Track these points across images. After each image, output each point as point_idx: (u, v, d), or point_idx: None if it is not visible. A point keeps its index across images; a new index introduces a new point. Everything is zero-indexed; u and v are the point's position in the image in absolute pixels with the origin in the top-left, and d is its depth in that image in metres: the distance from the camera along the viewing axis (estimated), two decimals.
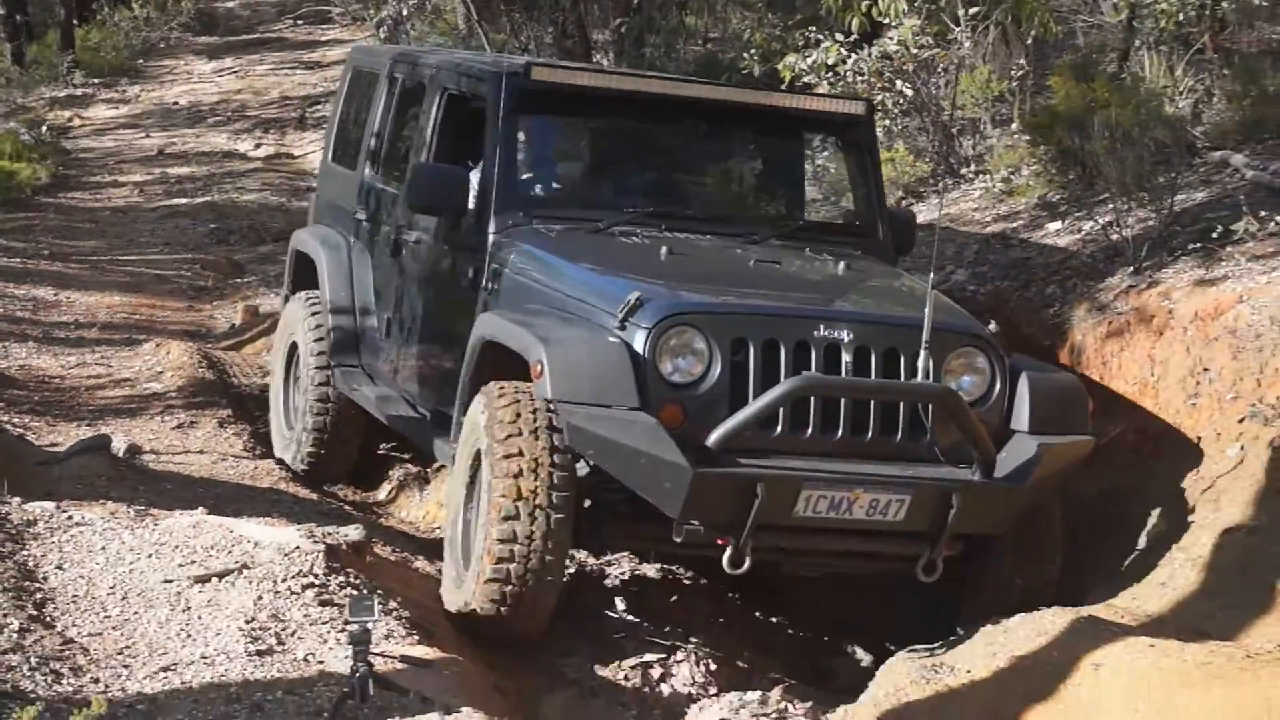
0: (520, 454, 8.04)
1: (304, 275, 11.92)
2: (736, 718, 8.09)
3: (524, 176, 10.07)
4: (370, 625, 6.77)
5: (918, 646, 8.62)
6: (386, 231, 10.98)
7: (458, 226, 9.77)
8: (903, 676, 8.01)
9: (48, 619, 7.47)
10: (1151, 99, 12.92)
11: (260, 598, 7.58)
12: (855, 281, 9.54)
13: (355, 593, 7.58)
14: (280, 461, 11.26)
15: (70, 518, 8.76)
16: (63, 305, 14.68)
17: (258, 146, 24.22)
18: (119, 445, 10.38)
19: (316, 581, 7.78)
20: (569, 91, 9.94)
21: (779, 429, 8.20)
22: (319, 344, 11.19)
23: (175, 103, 28.15)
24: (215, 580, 7.84)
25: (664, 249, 9.21)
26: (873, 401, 8.34)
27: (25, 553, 8.24)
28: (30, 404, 11.31)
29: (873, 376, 8.35)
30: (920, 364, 8.27)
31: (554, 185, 10.36)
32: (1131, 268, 11.05)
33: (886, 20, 14.29)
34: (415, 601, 8.21)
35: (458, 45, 22.49)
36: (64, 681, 6.78)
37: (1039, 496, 8.62)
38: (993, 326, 9.12)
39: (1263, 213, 11.09)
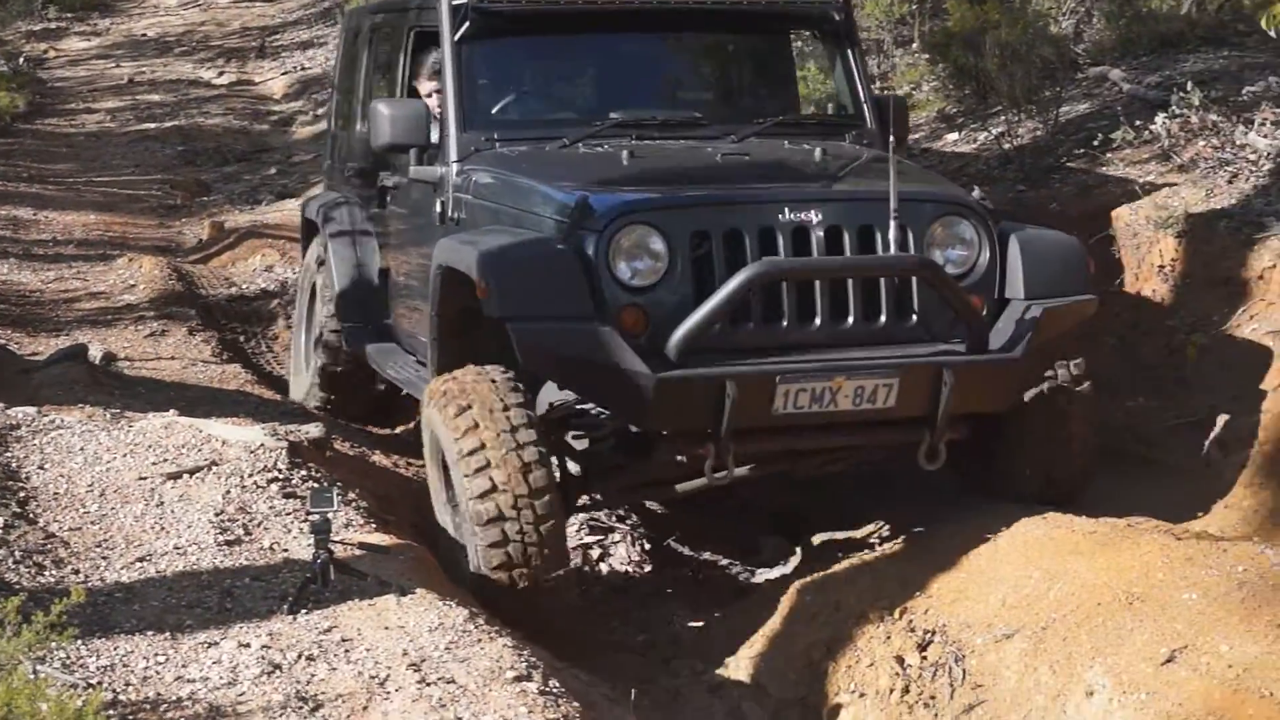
0: (483, 447, 7.06)
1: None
2: (671, 592, 8.17)
3: (484, 100, 8.82)
4: (330, 515, 6.76)
5: (838, 534, 8.41)
6: (376, 183, 10.06)
7: (424, 162, 8.71)
8: (816, 551, 8.06)
9: (30, 515, 7.45)
10: (1037, 19, 13.42)
11: (228, 492, 7.59)
12: (830, 164, 8.37)
13: (316, 485, 7.55)
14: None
15: (50, 421, 8.74)
16: (40, 224, 14.60)
17: (220, 74, 24.08)
18: (95, 353, 10.38)
19: (280, 476, 7.80)
20: (521, 11, 8.81)
21: (751, 324, 7.31)
22: (327, 305, 10.44)
23: (144, 34, 27.99)
24: (186, 476, 7.82)
25: (625, 154, 8.06)
26: (850, 284, 7.37)
27: (8, 454, 8.22)
28: (12, 317, 11.28)
29: (851, 250, 7.42)
30: (892, 236, 7.26)
31: (517, 107, 9.07)
32: (1023, 174, 11.25)
33: None
34: (372, 492, 8.22)
35: None
36: (46, 573, 6.79)
37: (1041, 366, 7.78)
38: (977, 193, 8.39)
39: (1138, 121, 11.42)
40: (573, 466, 7.91)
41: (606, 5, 9.03)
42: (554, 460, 7.48)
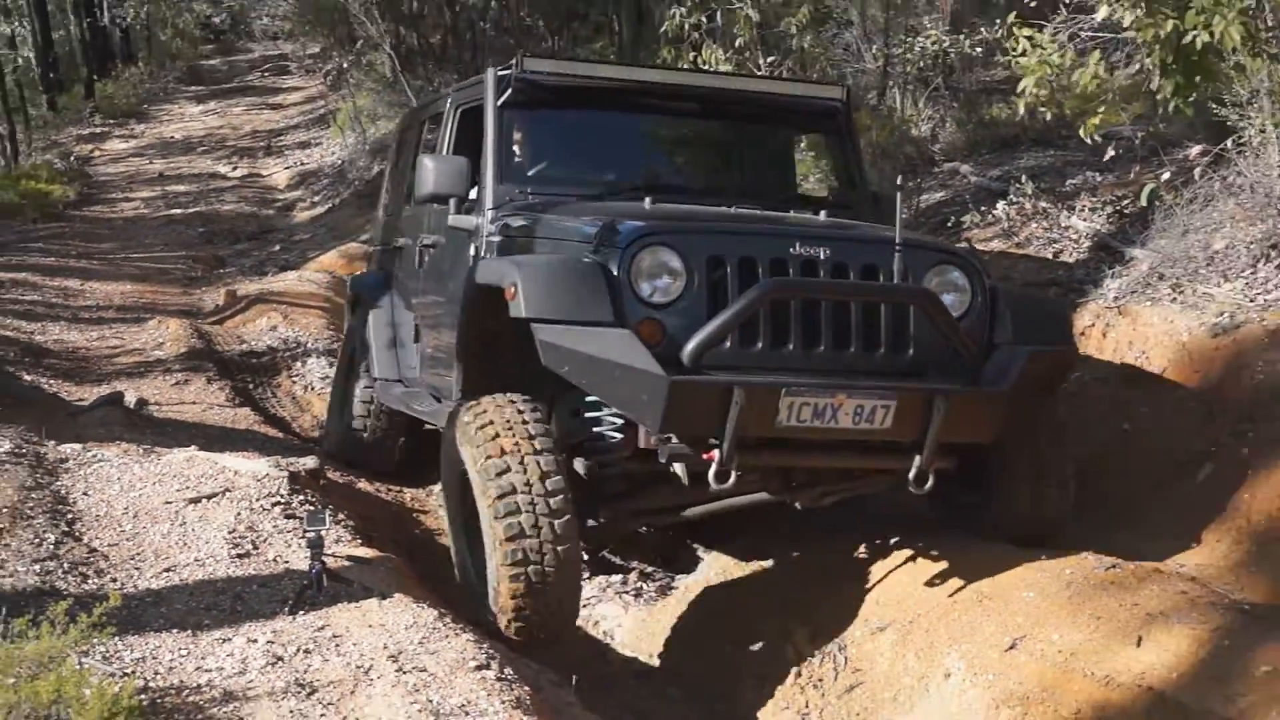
0: (509, 470, 6.56)
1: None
2: (604, 594, 8.11)
3: (519, 159, 8.23)
4: (323, 532, 6.78)
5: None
6: (415, 247, 9.27)
7: (462, 212, 7.99)
8: (729, 561, 8.04)
9: (76, 534, 7.45)
10: (902, 124, 13.68)
11: (239, 514, 7.59)
12: (832, 222, 7.58)
13: (311, 508, 7.57)
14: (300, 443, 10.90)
15: (93, 455, 8.74)
16: (86, 293, 14.57)
17: (234, 169, 24.05)
18: (130, 399, 10.35)
19: (282, 500, 7.80)
20: (557, 84, 8.14)
21: (759, 344, 6.67)
22: (363, 371, 9.83)
23: (172, 137, 27.97)
24: (204, 501, 7.83)
25: (647, 202, 7.42)
26: (853, 314, 6.72)
27: (58, 483, 8.22)
28: (62, 370, 11.26)
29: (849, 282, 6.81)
30: (896, 268, 6.73)
31: (549, 167, 8.27)
32: None
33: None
34: (358, 513, 8.22)
35: (384, 91, 22.33)
36: (89, 581, 6.78)
37: (1025, 404, 7.06)
38: (966, 245, 7.86)
39: (983, 207, 11.51)
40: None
41: (637, 83, 8.43)
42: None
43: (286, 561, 6.94)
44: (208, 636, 6.22)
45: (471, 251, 7.77)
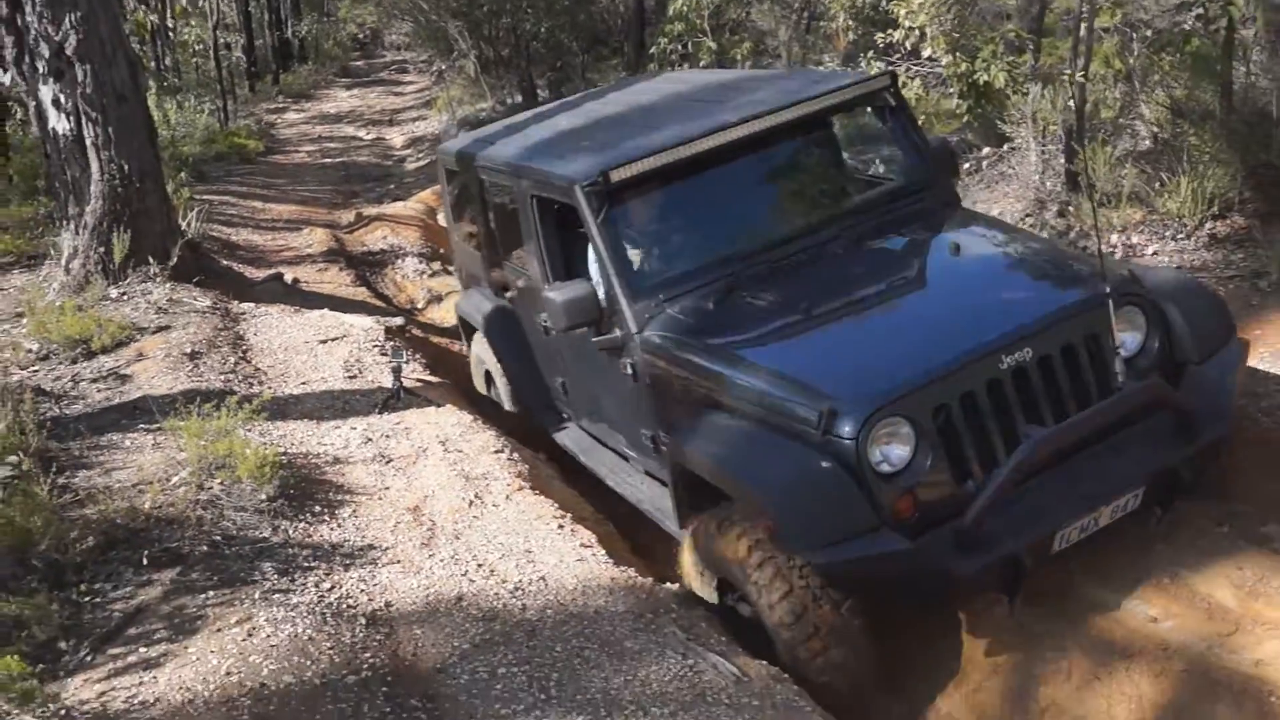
0: (801, 614, 4.14)
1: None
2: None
3: (635, 261, 5.31)
4: (403, 363, 6.90)
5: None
6: (529, 312, 6.34)
7: (600, 331, 5.26)
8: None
9: (247, 359, 7.56)
10: None
11: (351, 351, 7.60)
12: (981, 266, 5.02)
13: (396, 347, 7.55)
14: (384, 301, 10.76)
15: (262, 311, 8.77)
16: (266, 210, 14.59)
17: (368, 133, 23.89)
18: (288, 278, 10.35)
19: (379, 344, 7.77)
20: (642, 177, 5.23)
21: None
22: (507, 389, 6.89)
23: (328, 111, 27.78)
24: (330, 342, 7.85)
25: (796, 318, 4.74)
26: (1064, 388, 4.32)
27: (238, 327, 8.30)
28: (246, 258, 11.33)
29: (1060, 381, 4.30)
30: (1119, 369, 4.30)
31: (662, 260, 5.35)
32: None
33: None
34: (429, 355, 8.17)
35: (469, 85, 22.29)
36: (254, 387, 6.92)
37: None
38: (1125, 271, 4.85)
39: None
40: None
41: (712, 144, 5.32)
42: None
43: (379, 382, 6.97)
44: (325, 425, 6.37)
45: (629, 370, 5.20)
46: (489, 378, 7.18)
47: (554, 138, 6.19)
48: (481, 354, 7.14)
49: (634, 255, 5.31)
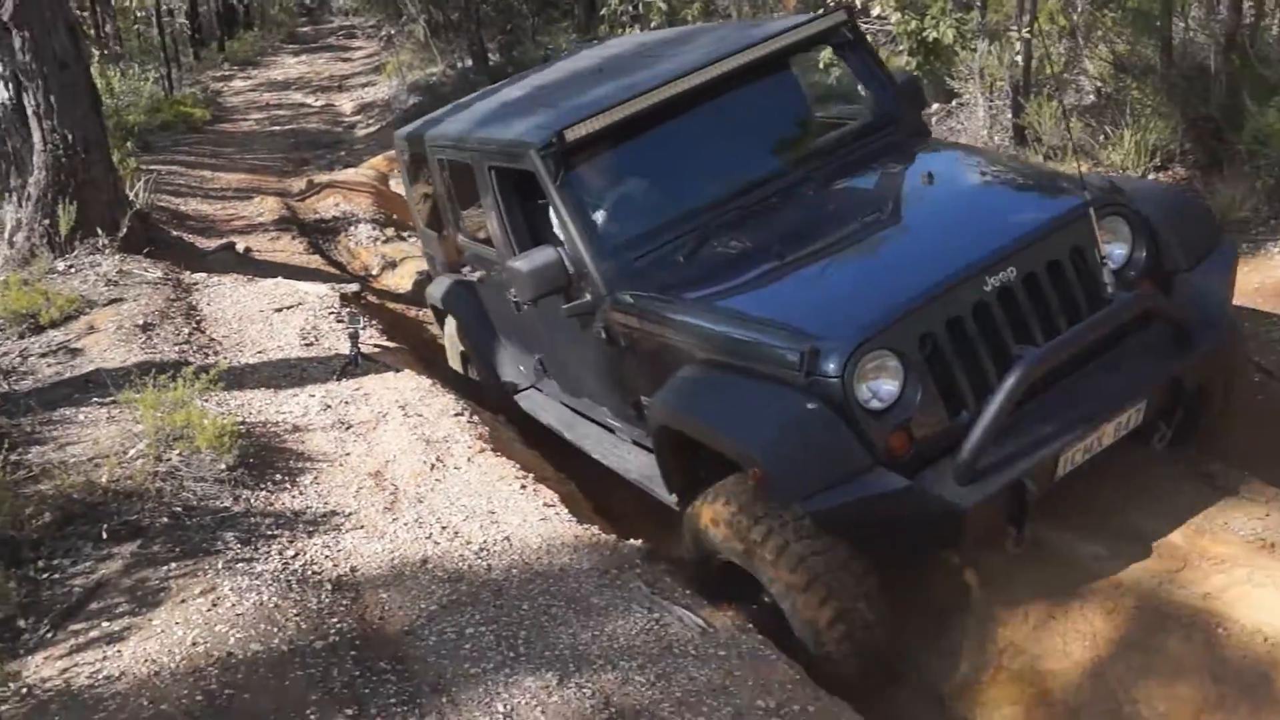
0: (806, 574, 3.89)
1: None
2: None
3: (600, 222, 4.99)
4: (360, 329, 6.86)
5: None
6: (500, 292, 6.02)
7: (570, 298, 4.98)
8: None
9: (202, 329, 7.51)
10: None
11: (307, 318, 7.57)
12: (957, 190, 4.82)
13: (352, 313, 7.53)
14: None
15: (215, 281, 8.70)
16: (216, 180, 14.41)
17: (317, 100, 23.62)
18: (240, 247, 10.26)
19: (335, 310, 7.73)
20: (599, 134, 4.96)
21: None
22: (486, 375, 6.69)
23: (276, 78, 27.44)
24: (285, 310, 7.81)
25: (771, 263, 4.48)
26: (1053, 306, 4.09)
27: (191, 298, 8.24)
28: (196, 228, 11.22)
29: (1048, 299, 4.07)
30: (1107, 280, 4.06)
31: (627, 217, 5.01)
32: None
33: None
34: (385, 321, 8.14)
35: (419, 50, 22.04)
36: (209, 358, 6.87)
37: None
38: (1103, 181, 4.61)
39: None
40: None
41: (668, 94, 5.05)
42: None
43: (336, 349, 6.95)
44: (283, 393, 6.33)
45: (603, 335, 4.93)
46: (465, 360, 7.07)
47: (504, 107, 5.98)
48: (456, 338, 6.99)
49: (598, 216, 5.04)
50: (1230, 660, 3.68)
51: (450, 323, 6.98)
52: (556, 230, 5.24)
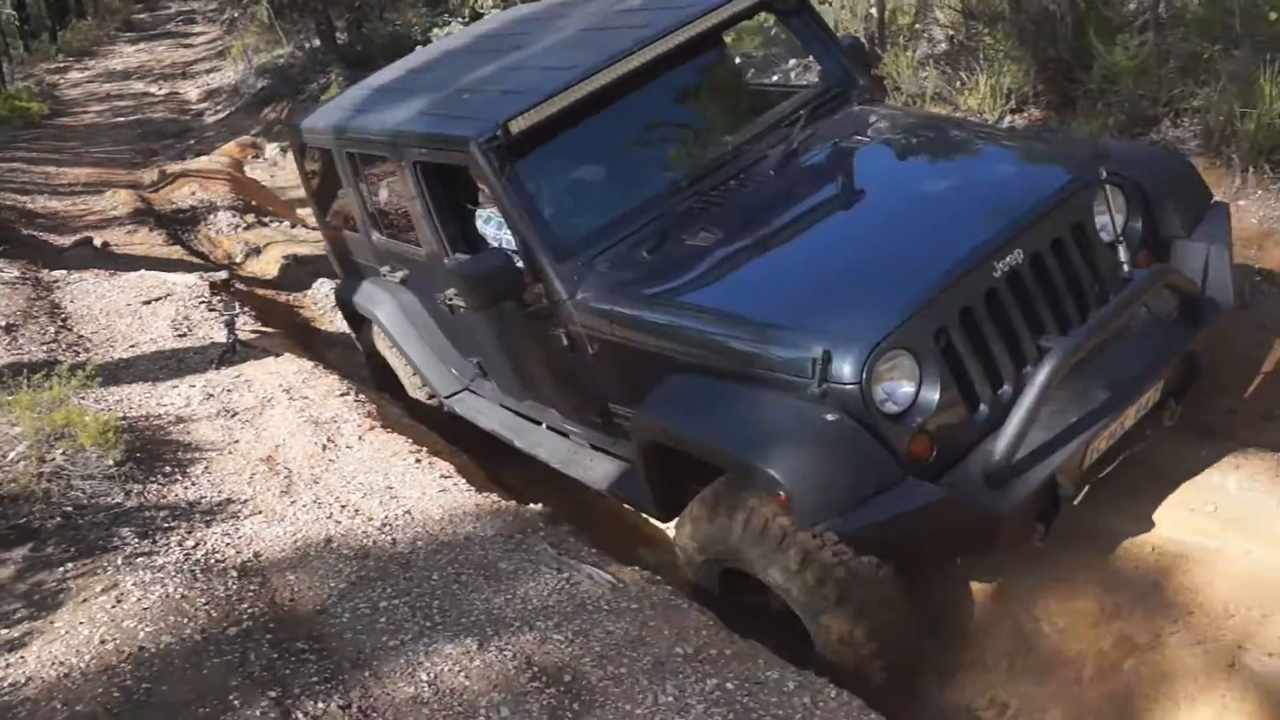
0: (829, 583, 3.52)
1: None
2: None
3: (551, 219, 4.47)
4: (235, 316, 6.74)
5: None
6: (426, 292, 5.58)
7: (524, 302, 4.50)
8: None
9: (68, 327, 7.34)
10: None
11: (178, 309, 7.43)
12: (940, 164, 4.47)
13: (225, 301, 7.38)
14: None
15: (76, 278, 8.50)
16: (61, 175, 13.97)
17: (161, 88, 22.91)
18: (97, 242, 10.02)
19: (206, 300, 7.62)
20: (545, 123, 4.44)
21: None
22: (415, 379, 6.08)
23: (115, 68, 26.53)
24: (154, 302, 7.65)
25: (747, 253, 4.12)
26: (1063, 286, 3.84)
27: (53, 296, 8.04)
28: (48, 225, 10.89)
29: (1055, 277, 3.80)
30: (1123, 258, 3.83)
31: (581, 212, 4.55)
32: None
33: None
34: (258, 307, 8.05)
35: (264, 32, 21.48)
36: (80, 355, 6.72)
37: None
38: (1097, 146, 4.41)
39: None
40: None
41: (614, 73, 4.57)
42: None
43: (211, 338, 6.85)
44: (162, 385, 6.22)
45: (565, 341, 4.46)
46: (388, 370, 6.33)
47: (432, 97, 5.17)
48: (381, 345, 6.23)
49: (547, 211, 4.51)
50: (1122, 571, 3.86)
51: (373, 332, 6.21)
52: (482, 229, 4.94)
